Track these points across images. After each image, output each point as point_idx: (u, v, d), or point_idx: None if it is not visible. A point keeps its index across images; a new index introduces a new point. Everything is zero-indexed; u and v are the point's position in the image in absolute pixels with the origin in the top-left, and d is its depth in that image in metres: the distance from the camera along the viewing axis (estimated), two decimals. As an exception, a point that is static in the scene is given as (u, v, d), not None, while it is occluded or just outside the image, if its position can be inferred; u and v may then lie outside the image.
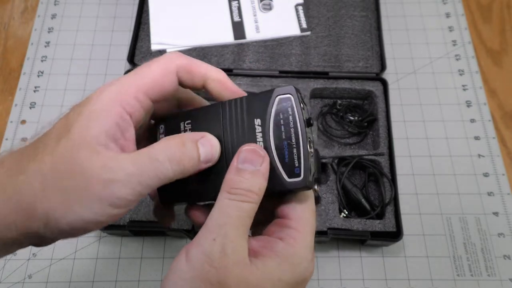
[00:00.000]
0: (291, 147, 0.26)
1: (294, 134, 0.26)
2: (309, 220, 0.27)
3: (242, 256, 0.24)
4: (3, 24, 0.68)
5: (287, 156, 0.26)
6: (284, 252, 0.25)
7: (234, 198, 0.25)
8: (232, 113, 0.28)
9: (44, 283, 0.50)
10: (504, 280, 0.50)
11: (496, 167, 0.57)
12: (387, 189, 0.52)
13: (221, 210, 0.25)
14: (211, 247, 0.24)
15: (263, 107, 0.27)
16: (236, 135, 0.27)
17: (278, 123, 0.26)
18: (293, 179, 0.26)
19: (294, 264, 0.25)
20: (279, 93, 0.27)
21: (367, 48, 0.62)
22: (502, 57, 0.65)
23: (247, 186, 0.25)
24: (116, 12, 0.69)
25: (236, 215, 0.25)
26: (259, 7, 0.65)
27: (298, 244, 0.26)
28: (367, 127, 0.58)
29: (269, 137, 0.26)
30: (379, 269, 0.51)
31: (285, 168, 0.26)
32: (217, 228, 0.24)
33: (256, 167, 0.25)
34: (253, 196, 0.25)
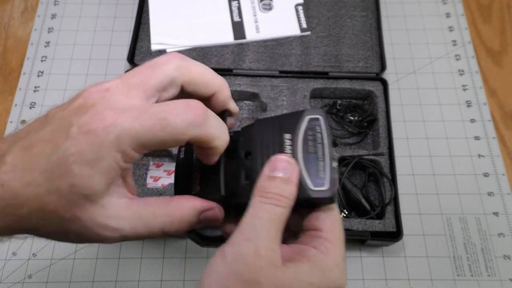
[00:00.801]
0: (317, 160, 0.28)
1: (322, 149, 0.28)
2: (340, 231, 0.28)
3: (274, 258, 0.25)
4: (3, 24, 0.68)
5: (313, 167, 0.28)
6: (315, 258, 0.26)
7: (266, 201, 0.26)
8: (263, 129, 0.30)
9: (44, 283, 0.50)
10: (504, 280, 0.50)
11: (496, 167, 0.57)
12: (387, 189, 0.52)
13: (253, 213, 0.26)
14: (245, 247, 0.25)
15: (293, 124, 0.29)
16: (266, 148, 0.29)
17: (307, 138, 0.28)
18: (318, 188, 0.27)
19: (326, 270, 0.26)
20: (309, 113, 0.29)
21: (367, 48, 0.62)
22: (502, 57, 0.65)
23: (278, 191, 0.26)
24: (116, 12, 0.69)
25: (267, 218, 0.25)
26: (259, 7, 0.65)
27: (330, 253, 0.27)
28: (367, 127, 0.58)
29: (298, 149, 0.28)
30: (379, 269, 0.51)
31: (311, 178, 0.27)
32: (250, 230, 0.25)
33: (287, 175, 0.27)
34: (284, 200, 0.26)
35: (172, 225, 0.26)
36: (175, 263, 0.51)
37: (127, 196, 0.26)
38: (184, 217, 0.27)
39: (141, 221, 0.25)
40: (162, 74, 0.26)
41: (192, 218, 0.27)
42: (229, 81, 0.58)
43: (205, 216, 0.28)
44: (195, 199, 0.28)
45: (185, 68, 0.27)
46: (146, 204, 0.26)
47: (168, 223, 0.26)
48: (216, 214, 0.28)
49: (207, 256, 0.51)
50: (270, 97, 0.58)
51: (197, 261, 0.51)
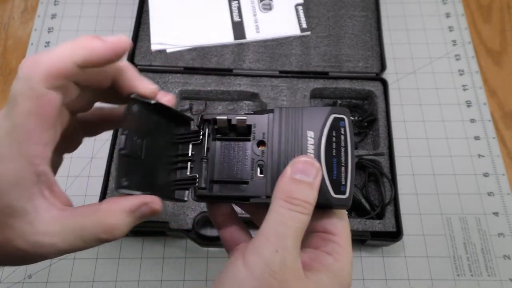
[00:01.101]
0: (340, 165, 0.27)
1: (344, 154, 0.27)
2: (349, 236, 0.28)
3: (299, 269, 0.25)
4: (3, 24, 0.68)
5: (335, 172, 0.27)
6: (333, 267, 0.26)
7: (294, 209, 0.25)
8: (285, 120, 0.28)
9: (44, 283, 0.50)
10: (504, 280, 0.50)
11: (496, 167, 0.57)
12: (387, 189, 0.52)
13: (280, 220, 0.25)
14: (273, 257, 0.24)
15: (317, 121, 0.27)
16: (285, 142, 0.28)
17: (331, 140, 0.27)
18: (338, 196, 0.26)
19: (341, 279, 0.26)
20: (334, 112, 0.28)
21: (367, 48, 0.62)
22: (502, 57, 0.65)
23: (305, 197, 0.25)
24: (116, 12, 0.69)
25: (295, 227, 0.25)
26: (259, 7, 0.65)
27: (343, 259, 0.27)
28: (367, 127, 0.58)
29: (321, 150, 0.27)
30: (379, 269, 0.51)
31: (333, 184, 0.26)
32: (278, 239, 0.24)
33: (311, 179, 0.26)
34: (309, 207, 0.26)
35: (107, 233, 0.25)
36: (175, 263, 0.51)
37: (57, 208, 0.24)
38: (117, 222, 0.25)
39: (74, 234, 0.24)
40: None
41: (126, 220, 0.25)
42: (229, 81, 0.59)
43: (140, 212, 0.25)
44: (124, 199, 0.25)
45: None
46: (75, 216, 0.24)
47: (101, 231, 0.24)
48: (152, 208, 0.26)
49: (207, 256, 0.52)
50: (270, 97, 0.58)
51: (197, 261, 0.51)
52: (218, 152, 0.29)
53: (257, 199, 0.27)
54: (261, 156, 0.28)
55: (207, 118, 0.29)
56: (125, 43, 0.25)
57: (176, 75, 0.59)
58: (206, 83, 0.58)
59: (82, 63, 0.24)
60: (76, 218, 0.24)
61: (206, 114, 0.29)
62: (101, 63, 0.25)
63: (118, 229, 0.25)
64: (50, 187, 0.24)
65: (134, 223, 0.26)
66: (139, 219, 0.26)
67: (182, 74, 0.59)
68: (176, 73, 0.59)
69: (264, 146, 0.28)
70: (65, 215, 0.24)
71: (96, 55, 0.24)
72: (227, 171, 0.28)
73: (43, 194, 0.24)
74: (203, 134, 0.29)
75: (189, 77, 0.59)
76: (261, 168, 0.28)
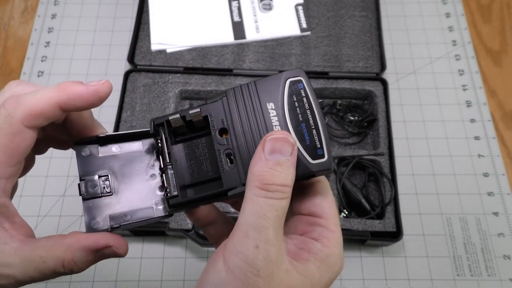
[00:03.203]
0: (310, 129, 0.25)
1: (311, 116, 0.25)
2: (336, 216, 0.26)
3: (284, 260, 0.23)
4: (3, 24, 0.68)
5: (307, 138, 0.25)
6: (321, 254, 0.25)
7: (272, 196, 0.22)
8: (239, 100, 0.26)
9: (44, 283, 0.50)
10: (504, 280, 0.50)
11: (496, 167, 0.57)
12: (387, 189, 0.52)
13: (257, 211, 0.22)
14: (254, 254, 0.22)
15: (274, 90, 0.25)
16: (248, 122, 0.25)
17: (293, 105, 0.25)
18: (317, 161, 0.24)
19: (331, 265, 0.25)
20: (289, 76, 0.26)
21: (367, 48, 0.62)
22: (502, 57, 0.65)
23: (282, 181, 0.23)
24: (116, 12, 0.69)
25: (274, 216, 0.22)
26: (259, 7, 0.65)
27: (332, 244, 0.25)
28: (367, 127, 0.58)
29: (286, 120, 0.25)
30: (379, 269, 0.51)
31: (308, 151, 0.24)
32: (257, 233, 0.22)
33: (287, 157, 0.23)
34: (288, 190, 0.23)
35: (66, 268, 0.25)
36: (175, 263, 0.51)
37: (17, 240, 0.24)
38: (77, 259, 0.25)
39: (33, 266, 0.24)
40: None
41: (86, 258, 0.25)
42: (229, 81, 0.59)
43: (102, 254, 0.25)
44: (88, 237, 0.25)
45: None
46: (35, 248, 0.24)
47: (60, 266, 0.24)
48: (115, 252, 0.25)
49: (207, 256, 0.52)
50: (270, 97, 0.58)
51: (197, 261, 0.51)
52: (182, 154, 0.27)
53: (234, 190, 0.25)
54: (227, 145, 0.26)
55: (158, 122, 0.27)
56: (107, 87, 0.25)
57: (176, 75, 0.59)
58: (206, 83, 0.58)
59: (64, 107, 0.24)
60: (35, 251, 0.24)
61: (156, 119, 0.27)
62: (84, 107, 0.25)
63: (77, 266, 0.25)
64: (11, 219, 0.25)
65: (95, 261, 0.26)
66: (100, 258, 0.26)
67: (182, 74, 0.59)
68: (176, 73, 0.59)
69: (227, 134, 0.26)
70: (26, 247, 0.24)
71: (79, 100, 0.24)
72: (197, 171, 0.27)
73: (3, 226, 0.24)
74: (160, 140, 0.27)
75: (189, 77, 0.59)
76: (229, 157, 0.25)
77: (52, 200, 0.54)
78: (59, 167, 0.56)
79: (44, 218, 0.53)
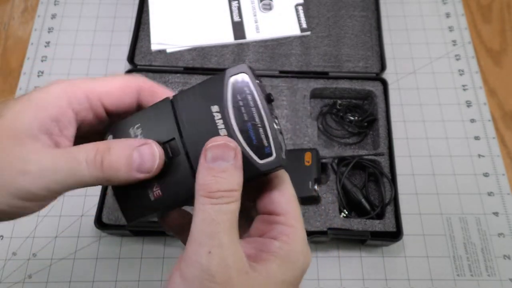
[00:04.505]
0: (256, 127, 0.24)
1: (257, 113, 0.24)
2: (296, 210, 0.26)
3: (242, 263, 0.22)
4: (3, 24, 0.68)
5: (254, 137, 0.24)
6: (281, 252, 0.24)
7: (218, 202, 0.22)
8: (185, 106, 0.25)
9: (44, 283, 0.50)
10: (504, 280, 0.50)
11: (496, 167, 0.57)
12: (387, 189, 0.52)
13: (206, 218, 0.22)
14: (208, 261, 0.21)
15: (217, 91, 0.25)
16: (196, 129, 0.25)
17: (238, 105, 0.24)
18: (266, 160, 0.24)
19: (293, 261, 0.24)
20: (231, 73, 0.25)
21: (367, 48, 0.62)
22: (502, 57, 0.65)
23: (227, 186, 0.23)
24: (116, 12, 0.69)
25: (225, 219, 0.22)
26: (259, 7, 0.65)
27: (292, 241, 0.24)
28: (367, 127, 0.58)
29: (231, 122, 0.24)
30: (379, 269, 0.51)
31: (255, 151, 0.24)
32: (208, 239, 0.22)
33: (230, 162, 0.23)
34: (235, 194, 0.23)
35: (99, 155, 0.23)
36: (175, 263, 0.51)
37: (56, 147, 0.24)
38: (115, 148, 0.24)
39: (63, 152, 0.24)
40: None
41: (124, 151, 0.24)
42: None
43: (139, 152, 0.24)
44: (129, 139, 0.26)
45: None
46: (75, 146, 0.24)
47: (91, 152, 0.24)
48: (152, 149, 0.24)
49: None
50: (270, 97, 0.58)
51: (197, 261, 0.51)
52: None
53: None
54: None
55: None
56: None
57: (176, 75, 0.59)
58: (206, 83, 0.58)
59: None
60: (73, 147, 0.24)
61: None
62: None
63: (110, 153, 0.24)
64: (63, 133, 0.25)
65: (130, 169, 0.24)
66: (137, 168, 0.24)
67: (182, 74, 0.59)
68: (176, 73, 0.59)
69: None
70: (59, 151, 0.24)
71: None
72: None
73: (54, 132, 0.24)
74: None
75: (189, 77, 0.59)
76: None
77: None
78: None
79: (44, 218, 0.53)
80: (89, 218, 0.53)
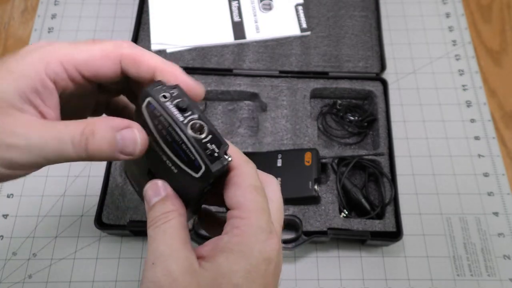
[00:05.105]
0: (179, 145, 0.24)
1: (175, 132, 0.24)
2: (252, 200, 0.25)
3: (188, 265, 0.23)
4: (3, 24, 0.68)
5: (183, 155, 0.24)
6: (228, 245, 0.24)
7: (155, 226, 0.25)
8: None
9: (44, 283, 0.50)
10: (504, 280, 0.50)
11: (496, 167, 0.57)
12: (387, 189, 0.52)
13: (149, 240, 0.25)
14: (153, 272, 0.23)
15: (144, 123, 0.25)
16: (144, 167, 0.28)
17: (160, 131, 0.25)
18: (199, 173, 0.24)
19: (244, 251, 0.24)
20: (142, 103, 0.25)
21: (367, 48, 0.62)
22: (502, 57, 0.65)
23: (161, 212, 0.25)
24: (116, 12, 0.69)
25: (162, 234, 0.24)
26: (259, 7, 0.65)
27: (243, 232, 0.24)
28: (367, 127, 0.58)
29: (164, 148, 0.25)
30: (379, 269, 0.51)
31: (191, 166, 0.24)
32: (152, 253, 0.24)
33: (161, 195, 0.26)
34: (171, 213, 0.25)
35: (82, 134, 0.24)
36: None
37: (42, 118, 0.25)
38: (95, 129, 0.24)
39: (51, 130, 0.24)
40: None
41: (107, 133, 0.24)
42: (229, 81, 0.59)
43: (121, 135, 0.24)
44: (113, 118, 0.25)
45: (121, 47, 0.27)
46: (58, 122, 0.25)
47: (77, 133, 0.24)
48: (134, 133, 0.25)
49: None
50: (270, 97, 0.58)
51: (197, 261, 0.51)
52: None
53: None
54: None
55: None
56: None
57: (176, 75, 0.59)
58: (206, 83, 0.58)
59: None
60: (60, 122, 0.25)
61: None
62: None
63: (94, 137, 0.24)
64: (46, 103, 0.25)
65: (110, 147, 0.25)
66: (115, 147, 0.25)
67: (182, 74, 0.59)
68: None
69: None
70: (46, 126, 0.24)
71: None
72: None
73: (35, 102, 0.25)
74: None
75: (189, 77, 0.59)
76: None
77: (52, 200, 0.54)
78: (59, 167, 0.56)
79: (44, 218, 0.53)
80: (89, 218, 0.53)
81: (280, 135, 0.56)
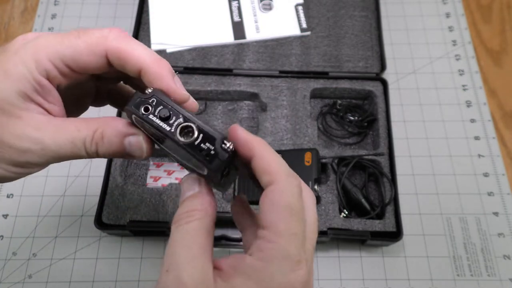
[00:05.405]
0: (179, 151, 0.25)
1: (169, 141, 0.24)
2: (284, 222, 0.22)
3: (201, 279, 0.22)
4: (3, 24, 0.68)
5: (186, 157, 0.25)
6: (249, 268, 0.22)
7: (178, 224, 0.24)
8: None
9: (44, 283, 0.50)
10: (504, 280, 0.50)
11: (496, 167, 0.57)
12: (387, 189, 0.52)
13: (170, 240, 0.24)
14: (165, 280, 0.23)
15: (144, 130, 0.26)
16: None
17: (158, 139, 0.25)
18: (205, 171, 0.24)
19: (263, 280, 0.22)
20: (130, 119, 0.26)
21: (367, 48, 0.62)
22: (502, 57, 0.65)
23: (187, 209, 0.25)
24: (116, 12, 0.69)
25: (182, 236, 0.24)
26: (259, 7, 0.65)
27: (267, 258, 0.22)
28: (367, 127, 0.58)
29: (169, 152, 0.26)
30: (379, 269, 0.51)
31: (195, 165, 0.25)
32: (168, 259, 0.23)
33: (196, 190, 0.26)
34: (196, 213, 0.24)
35: (93, 139, 0.25)
36: None
37: (49, 115, 0.25)
38: (104, 133, 0.25)
39: (63, 134, 0.24)
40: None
41: (115, 139, 0.25)
42: (229, 81, 0.59)
43: (129, 141, 0.25)
44: (121, 121, 0.26)
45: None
46: (70, 121, 0.25)
47: (88, 138, 0.25)
48: (140, 142, 0.26)
49: (207, 256, 0.51)
50: (270, 97, 0.58)
51: (197, 261, 0.51)
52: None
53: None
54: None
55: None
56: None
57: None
58: (206, 83, 0.58)
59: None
60: (71, 122, 0.25)
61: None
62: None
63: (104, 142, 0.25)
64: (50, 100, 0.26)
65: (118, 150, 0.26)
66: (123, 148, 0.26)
67: (182, 74, 0.59)
68: (176, 73, 0.59)
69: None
70: (59, 119, 0.26)
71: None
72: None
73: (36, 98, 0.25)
74: None
75: (189, 77, 0.59)
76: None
77: (52, 200, 0.54)
78: (59, 167, 0.56)
79: (44, 218, 0.53)
80: (89, 218, 0.53)
81: (280, 135, 0.56)
